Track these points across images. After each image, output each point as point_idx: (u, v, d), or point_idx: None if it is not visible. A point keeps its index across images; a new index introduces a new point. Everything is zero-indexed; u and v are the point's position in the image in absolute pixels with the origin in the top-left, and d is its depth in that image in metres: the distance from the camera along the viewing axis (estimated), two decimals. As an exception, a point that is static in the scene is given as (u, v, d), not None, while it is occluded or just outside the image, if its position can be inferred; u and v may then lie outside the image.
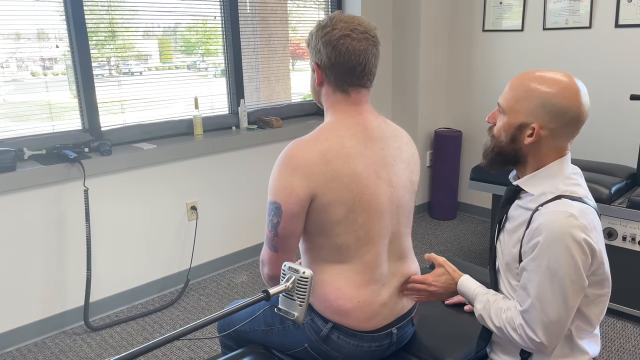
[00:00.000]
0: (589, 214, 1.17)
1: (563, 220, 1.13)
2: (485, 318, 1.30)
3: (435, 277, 1.44)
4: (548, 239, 1.13)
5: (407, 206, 1.43)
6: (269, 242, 1.36)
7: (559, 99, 1.16)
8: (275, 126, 3.29)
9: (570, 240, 1.12)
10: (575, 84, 1.18)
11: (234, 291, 3.01)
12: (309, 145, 1.30)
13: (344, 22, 1.32)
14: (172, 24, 2.97)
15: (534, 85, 1.19)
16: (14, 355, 2.45)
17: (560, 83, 1.17)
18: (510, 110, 1.22)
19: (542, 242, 1.14)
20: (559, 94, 1.17)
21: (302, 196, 1.27)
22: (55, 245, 2.55)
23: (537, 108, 1.18)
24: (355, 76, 1.35)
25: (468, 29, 3.87)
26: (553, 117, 1.17)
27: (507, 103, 1.23)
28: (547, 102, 1.17)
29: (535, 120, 1.19)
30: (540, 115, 1.18)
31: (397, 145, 1.41)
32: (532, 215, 1.20)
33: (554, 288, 1.15)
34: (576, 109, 1.17)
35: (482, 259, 3.34)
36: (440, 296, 1.45)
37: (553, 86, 1.17)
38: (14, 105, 2.51)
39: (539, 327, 1.18)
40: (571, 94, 1.17)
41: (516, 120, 1.21)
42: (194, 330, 0.94)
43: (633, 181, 2.74)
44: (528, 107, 1.19)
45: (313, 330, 1.40)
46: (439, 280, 1.44)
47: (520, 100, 1.20)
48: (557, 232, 1.12)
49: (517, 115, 1.21)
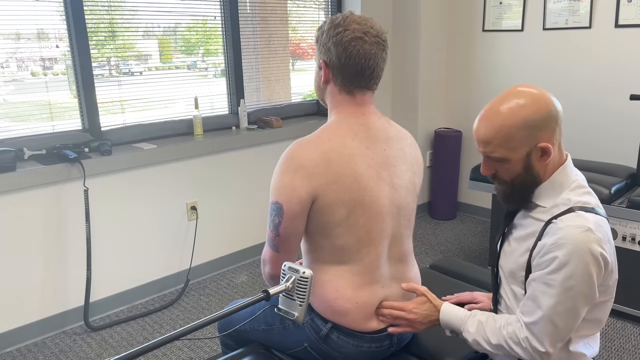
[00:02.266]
0: (603, 225, 1.18)
1: (581, 235, 1.13)
2: (480, 340, 1.28)
3: (416, 305, 1.38)
4: (567, 254, 1.13)
5: (408, 208, 1.42)
6: (270, 242, 1.36)
7: (539, 112, 1.16)
8: (275, 126, 3.29)
9: (588, 256, 1.13)
10: (529, 89, 1.19)
11: (234, 291, 3.01)
12: (311, 145, 1.30)
13: (357, 23, 1.31)
14: (172, 24, 2.97)
15: (509, 119, 1.17)
16: (14, 355, 2.45)
17: (524, 101, 1.17)
18: (509, 152, 1.20)
19: (561, 257, 1.14)
20: (534, 109, 1.16)
21: (303, 196, 1.27)
22: (55, 245, 2.55)
23: (530, 132, 1.17)
24: (363, 79, 1.34)
25: (468, 29, 3.87)
26: (545, 128, 1.17)
27: (498, 150, 1.20)
28: (532, 122, 1.16)
29: (536, 142, 1.18)
30: (537, 135, 1.17)
31: (400, 147, 1.41)
32: (545, 228, 1.20)
33: (567, 302, 1.15)
34: (551, 107, 1.18)
35: (482, 259, 3.34)
36: (419, 325, 1.38)
37: (523, 108, 1.16)
38: (14, 105, 2.51)
39: (547, 339, 1.18)
40: (538, 98, 1.17)
41: (521, 155, 1.19)
42: (194, 330, 0.94)
43: (633, 181, 2.74)
44: (522, 137, 1.17)
45: (313, 330, 1.40)
46: (420, 309, 1.37)
47: (509, 140, 1.18)
48: (575, 247, 1.13)
49: (518, 151, 1.19)
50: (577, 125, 3.46)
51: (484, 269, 2.04)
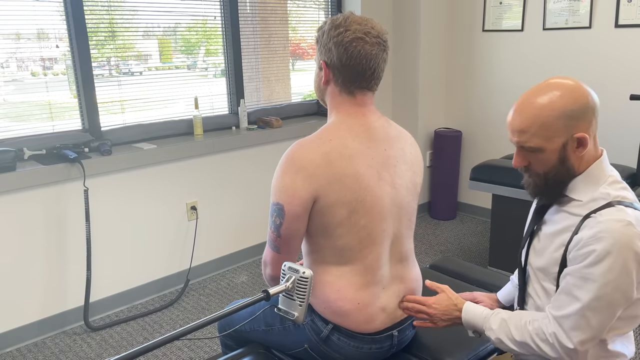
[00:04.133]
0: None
1: (622, 228, 1.10)
2: (503, 338, 1.25)
3: (436, 300, 1.39)
4: (607, 247, 1.10)
5: (409, 208, 1.42)
6: (271, 243, 1.36)
7: (576, 101, 1.15)
8: (275, 126, 3.29)
9: (628, 251, 1.10)
10: (566, 80, 1.18)
11: (234, 291, 3.01)
12: (312, 146, 1.30)
13: (358, 24, 1.31)
14: (172, 24, 2.97)
15: (547, 108, 1.16)
16: (14, 355, 2.45)
17: (563, 90, 1.16)
18: (545, 142, 1.17)
19: (600, 250, 1.11)
20: (573, 99, 1.15)
21: (305, 197, 1.27)
22: (55, 245, 2.55)
23: (567, 122, 1.15)
24: (364, 80, 1.34)
25: (468, 29, 3.87)
26: (583, 118, 1.15)
27: (533, 140, 1.18)
28: (570, 111, 1.14)
29: (572, 132, 1.16)
30: (574, 125, 1.15)
31: (401, 147, 1.41)
32: (583, 222, 1.16)
33: (604, 297, 1.12)
34: (589, 97, 1.16)
35: (482, 259, 3.34)
36: (439, 322, 1.38)
37: (562, 96, 1.15)
38: (14, 105, 2.51)
39: (577, 334, 1.14)
40: (575, 89, 1.16)
41: (557, 145, 1.17)
42: (194, 330, 0.94)
43: (633, 181, 2.74)
44: (559, 127, 1.16)
45: (313, 331, 1.40)
46: (440, 304, 1.38)
47: (546, 128, 1.16)
48: (616, 241, 1.10)
49: (555, 140, 1.17)
50: (577, 125, 3.45)
51: (484, 269, 2.04)
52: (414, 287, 1.48)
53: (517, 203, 2.79)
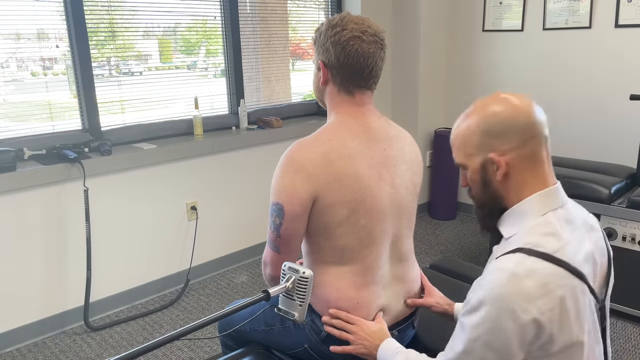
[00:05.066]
0: (544, 275, 0.94)
1: (502, 279, 0.95)
2: None
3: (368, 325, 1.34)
4: (480, 298, 0.97)
5: (409, 208, 1.42)
6: (271, 243, 1.36)
7: (496, 116, 1.03)
8: (275, 126, 3.29)
9: (504, 307, 0.94)
10: (505, 96, 1.06)
11: (234, 291, 3.01)
12: (312, 146, 1.30)
13: (355, 23, 1.31)
14: (172, 24, 2.97)
15: (465, 123, 1.08)
16: (14, 355, 2.45)
17: (487, 104, 1.06)
18: (466, 159, 1.08)
19: (473, 300, 0.99)
20: (492, 113, 1.04)
21: (304, 197, 1.27)
22: (55, 245, 2.55)
23: (482, 139, 1.04)
24: (362, 78, 1.35)
25: (468, 29, 3.87)
26: (502, 137, 1.03)
27: (458, 156, 1.10)
28: (484, 127, 1.04)
29: (489, 151, 1.04)
30: (490, 144, 1.04)
31: (400, 146, 1.41)
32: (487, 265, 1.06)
33: (473, 352, 1.00)
34: (518, 114, 1.02)
35: (482, 259, 3.34)
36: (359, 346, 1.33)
37: (480, 111, 1.06)
38: (14, 105, 2.51)
39: None
40: (504, 105, 1.03)
41: (476, 164, 1.07)
42: (194, 330, 0.94)
43: (633, 181, 2.74)
44: (476, 144, 1.05)
45: (313, 331, 1.40)
46: (370, 330, 1.33)
47: (465, 144, 1.07)
48: (491, 292, 0.96)
49: (473, 159, 1.07)
50: (577, 125, 3.45)
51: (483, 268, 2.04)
52: (414, 287, 1.48)
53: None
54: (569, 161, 2.98)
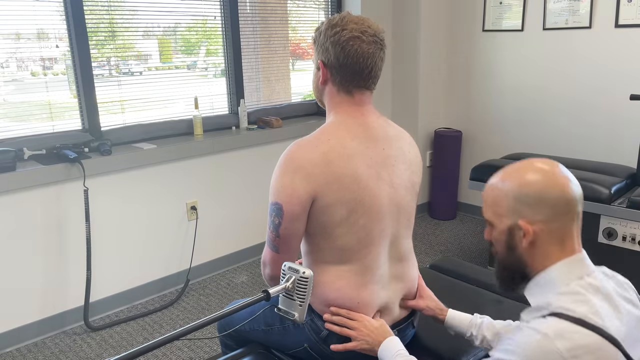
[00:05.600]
0: (577, 338, 0.92)
1: (533, 341, 0.93)
2: None
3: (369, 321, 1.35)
4: (510, 357, 0.96)
5: (408, 207, 1.42)
6: (270, 243, 1.36)
7: (530, 186, 1.03)
8: (275, 126, 3.29)
9: None
10: (543, 166, 1.06)
11: (234, 291, 3.01)
12: (311, 146, 1.30)
13: (355, 23, 1.31)
14: (172, 24, 2.97)
15: (500, 184, 1.08)
16: (14, 355, 2.45)
17: (525, 171, 1.06)
18: (495, 218, 1.09)
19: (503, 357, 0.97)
20: (528, 182, 1.04)
21: (303, 197, 1.27)
22: (55, 245, 2.55)
23: (514, 204, 1.04)
24: (362, 78, 1.35)
25: (468, 29, 3.87)
26: (534, 207, 1.03)
27: (487, 212, 1.11)
28: (519, 193, 1.04)
29: (519, 217, 1.04)
30: (521, 211, 1.04)
31: (399, 146, 1.41)
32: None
33: None
34: (554, 188, 1.02)
35: (482, 259, 3.34)
36: (362, 342, 1.34)
37: (516, 177, 1.06)
38: (14, 105, 2.51)
39: None
40: (542, 175, 1.04)
41: (504, 226, 1.07)
42: (194, 330, 0.94)
43: (633, 181, 2.74)
44: (506, 207, 1.06)
45: (313, 330, 1.40)
46: (371, 326, 1.35)
47: (496, 203, 1.08)
48: (521, 354, 0.94)
49: (502, 220, 1.07)
50: (577, 125, 3.45)
51: (484, 269, 2.04)
52: (414, 286, 1.48)
53: (517, 203, 2.79)
54: (569, 161, 2.98)
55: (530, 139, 3.70)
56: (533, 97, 3.63)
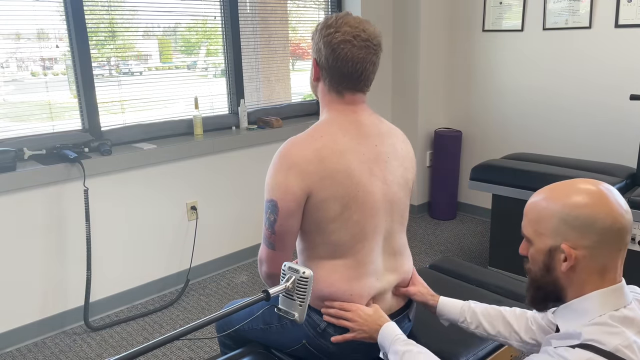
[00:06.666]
0: None
1: None
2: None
3: (364, 310, 1.36)
4: None
5: (401, 203, 1.43)
6: (266, 240, 1.37)
7: (581, 209, 0.97)
8: (275, 126, 3.30)
9: None
10: (596, 188, 0.99)
11: (234, 291, 3.01)
12: (304, 143, 1.31)
13: (349, 26, 1.32)
14: (172, 24, 2.97)
15: (545, 202, 1.02)
16: (14, 355, 2.45)
17: (577, 192, 1.00)
18: (535, 236, 1.03)
19: None
20: (578, 204, 0.98)
21: (298, 193, 1.28)
22: (55, 245, 2.55)
23: (559, 225, 0.99)
24: (351, 82, 1.36)
25: (468, 29, 3.87)
26: (581, 232, 0.97)
27: (529, 229, 1.05)
28: (566, 215, 0.98)
29: (563, 240, 0.98)
30: (566, 233, 0.98)
31: (392, 143, 1.42)
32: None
33: None
34: (605, 215, 0.96)
35: (482, 259, 3.34)
36: (359, 331, 1.35)
37: (565, 197, 1.00)
38: (14, 105, 2.51)
39: None
40: (593, 199, 0.97)
41: (544, 245, 1.02)
42: (194, 330, 0.94)
43: (633, 181, 2.74)
44: (550, 227, 1.00)
45: (310, 325, 1.41)
46: (366, 314, 1.35)
47: (538, 221, 1.02)
48: None
49: (543, 239, 1.01)
50: (577, 125, 3.45)
51: (484, 269, 2.04)
52: (407, 278, 1.50)
53: (517, 203, 2.79)
54: (569, 161, 2.98)
55: (530, 139, 3.70)
56: (533, 97, 3.63)
